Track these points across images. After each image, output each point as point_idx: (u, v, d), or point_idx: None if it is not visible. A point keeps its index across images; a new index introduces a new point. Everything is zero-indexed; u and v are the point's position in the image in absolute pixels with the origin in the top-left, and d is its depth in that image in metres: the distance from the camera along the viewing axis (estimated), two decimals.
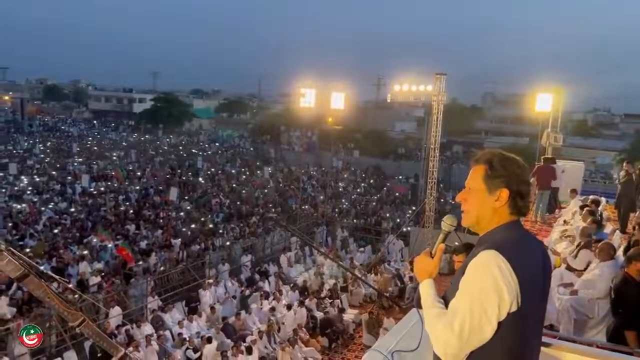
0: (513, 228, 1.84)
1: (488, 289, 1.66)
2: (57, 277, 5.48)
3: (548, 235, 9.62)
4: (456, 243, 8.11)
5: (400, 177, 42.41)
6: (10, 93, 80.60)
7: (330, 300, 15.59)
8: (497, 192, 1.83)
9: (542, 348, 2.40)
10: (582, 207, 9.19)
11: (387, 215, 28.33)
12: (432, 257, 1.98)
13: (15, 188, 27.53)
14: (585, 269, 6.37)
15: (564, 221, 9.91)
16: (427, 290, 1.91)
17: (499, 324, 1.69)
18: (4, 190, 26.93)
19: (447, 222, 2.04)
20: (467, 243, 4.26)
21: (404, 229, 23.61)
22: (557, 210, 12.53)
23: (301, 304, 14.67)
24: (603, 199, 10.67)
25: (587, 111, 72.03)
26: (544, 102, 17.63)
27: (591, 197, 10.44)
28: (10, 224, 20.41)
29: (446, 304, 1.83)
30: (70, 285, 7.20)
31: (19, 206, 23.34)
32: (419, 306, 1.93)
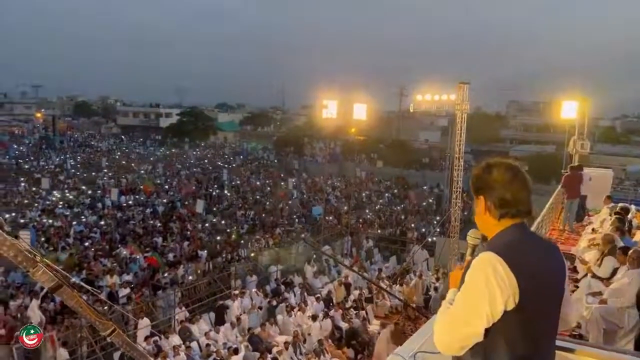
0: (515, 231, 1.93)
1: (480, 286, 1.77)
2: (89, 287, 5.63)
3: (576, 243, 9.46)
4: None
5: (425, 187, 42.12)
6: (43, 110, 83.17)
7: (355, 311, 15.55)
8: (479, 201, 1.99)
9: (566, 354, 2.42)
10: (610, 215, 9.03)
11: (412, 225, 28.16)
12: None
13: (47, 202, 28.29)
14: (611, 276, 6.25)
15: (592, 229, 9.72)
16: (448, 295, 2.05)
17: (498, 322, 1.78)
18: (36, 204, 27.72)
19: (472, 236, 2.17)
20: None
21: (429, 239, 23.42)
22: (585, 218, 12.31)
23: (326, 315, 14.67)
24: (633, 207, 10.44)
25: (616, 117, 70.52)
26: (570, 110, 17.36)
27: (620, 204, 10.24)
28: (42, 238, 20.96)
29: None
30: (101, 296, 7.40)
31: (50, 220, 24.00)
32: None
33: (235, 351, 12.09)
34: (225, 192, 34.30)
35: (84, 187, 33.44)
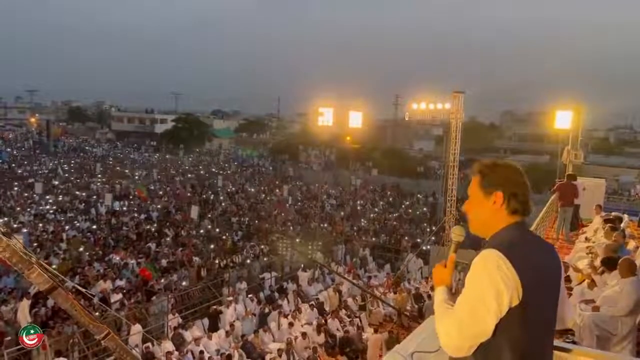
0: (515, 229, 1.95)
1: (485, 284, 1.78)
2: (83, 290, 5.63)
3: (570, 252, 9.50)
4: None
5: (419, 195, 42.16)
6: (37, 115, 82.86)
7: (349, 319, 15.51)
8: (492, 196, 1.98)
9: (562, 354, 2.43)
10: (604, 225, 9.08)
11: (407, 233, 28.15)
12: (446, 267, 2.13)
13: (40, 207, 28.10)
14: None
15: (586, 238, 9.78)
16: (438, 295, 2.05)
17: (503, 319, 1.78)
18: (29, 209, 27.52)
19: (456, 233, 2.18)
20: None
21: (424, 247, 23.46)
22: (579, 228, 12.36)
23: (319, 323, 14.62)
24: (626, 216, 10.52)
25: (609, 128, 71.16)
26: (563, 120, 17.50)
27: (613, 213, 10.31)
28: (35, 243, 20.76)
29: None
30: (95, 300, 7.38)
31: (42, 224, 23.82)
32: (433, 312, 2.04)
33: (229, 358, 12.03)
34: (220, 198, 34.21)
35: (77, 192, 33.25)
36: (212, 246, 22.21)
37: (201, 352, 12.46)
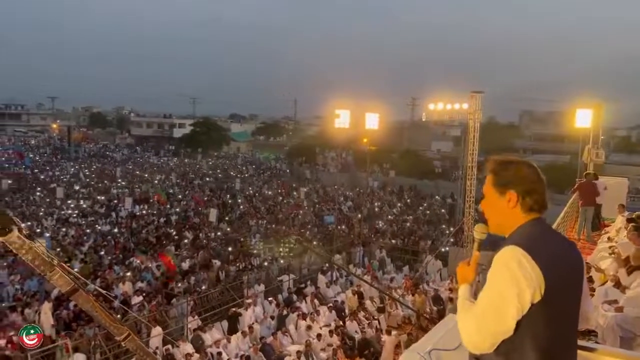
0: (535, 225, 1.92)
1: (506, 281, 1.75)
2: (103, 291, 5.71)
3: (592, 252, 9.34)
4: None
5: (437, 197, 41.89)
6: (58, 121, 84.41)
7: (368, 321, 15.45)
8: (507, 195, 1.96)
9: (586, 353, 2.39)
10: (627, 225, 8.90)
11: (425, 234, 27.95)
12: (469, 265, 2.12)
13: (62, 212, 28.60)
14: None
15: (608, 238, 9.60)
16: (462, 293, 2.04)
17: (525, 316, 1.76)
18: (52, 214, 28.01)
19: (478, 231, 2.15)
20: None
21: (443, 249, 23.26)
22: (600, 228, 12.14)
23: (336, 324, 14.60)
24: None
25: (631, 127, 69.67)
26: (584, 118, 17.23)
27: (636, 213, 10.09)
28: (58, 248, 21.08)
29: None
30: (116, 303, 7.47)
31: (65, 229, 24.22)
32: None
33: None
34: (238, 201, 34.42)
35: (98, 197, 33.76)
36: (230, 249, 22.36)
37: (219, 353, 12.53)
